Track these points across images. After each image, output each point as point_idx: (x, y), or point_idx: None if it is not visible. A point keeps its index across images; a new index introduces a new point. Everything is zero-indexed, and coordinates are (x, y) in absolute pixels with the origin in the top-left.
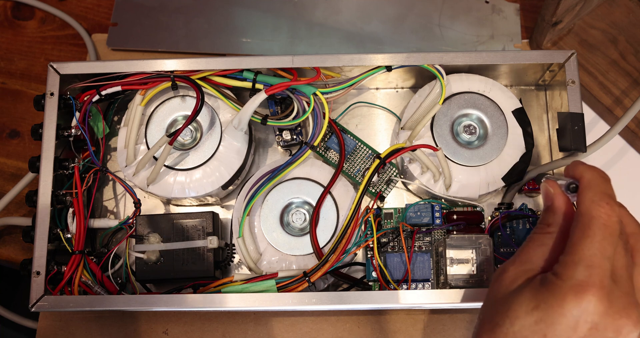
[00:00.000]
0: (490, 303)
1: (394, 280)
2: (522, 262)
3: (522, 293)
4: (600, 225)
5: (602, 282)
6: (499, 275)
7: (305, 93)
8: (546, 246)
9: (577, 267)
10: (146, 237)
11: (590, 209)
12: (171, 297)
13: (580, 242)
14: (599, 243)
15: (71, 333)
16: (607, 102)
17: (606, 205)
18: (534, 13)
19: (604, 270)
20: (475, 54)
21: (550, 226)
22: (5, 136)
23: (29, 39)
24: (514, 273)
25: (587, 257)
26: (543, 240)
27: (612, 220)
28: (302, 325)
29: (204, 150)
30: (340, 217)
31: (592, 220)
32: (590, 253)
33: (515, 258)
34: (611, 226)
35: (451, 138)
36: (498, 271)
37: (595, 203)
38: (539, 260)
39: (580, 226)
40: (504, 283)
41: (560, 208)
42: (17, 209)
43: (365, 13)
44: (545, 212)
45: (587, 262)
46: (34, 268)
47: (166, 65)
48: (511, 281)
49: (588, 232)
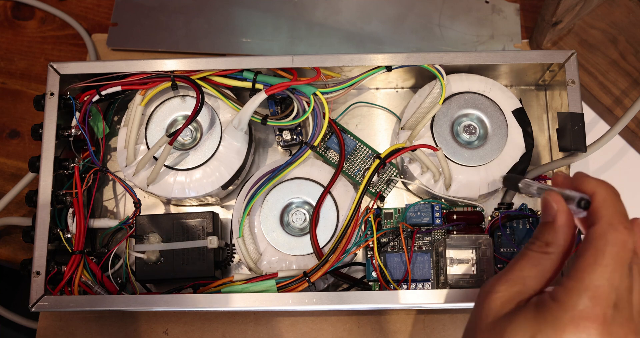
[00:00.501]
0: (479, 327)
1: (394, 280)
2: (515, 282)
3: (517, 320)
4: (615, 253)
5: (605, 314)
6: (488, 295)
7: (305, 93)
8: (542, 267)
9: (581, 296)
10: (146, 237)
11: (606, 233)
12: (171, 297)
13: (590, 269)
14: (610, 274)
15: (71, 333)
16: (607, 102)
17: (624, 230)
18: (534, 13)
19: (609, 300)
20: (475, 54)
21: (550, 246)
22: (5, 136)
23: (29, 39)
24: (505, 294)
25: (594, 287)
26: (540, 260)
27: (627, 247)
28: (302, 325)
29: (204, 150)
30: (340, 217)
31: (607, 246)
32: (598, 283)
33: (506, 275)
34: (626, 254)
35: (451, 138)
36: (486, 288)
37: (612, 227)
38: (532, 281)
39: (593, 251)
40: (494, 305)
41: (563, 227)
42: (17, 209)
43: (365, 13)
44: (545, 228)
45: (593, 292)
46: (34, 268)
47: (166, 65)
48: (502, 304)
49: (601, 260)
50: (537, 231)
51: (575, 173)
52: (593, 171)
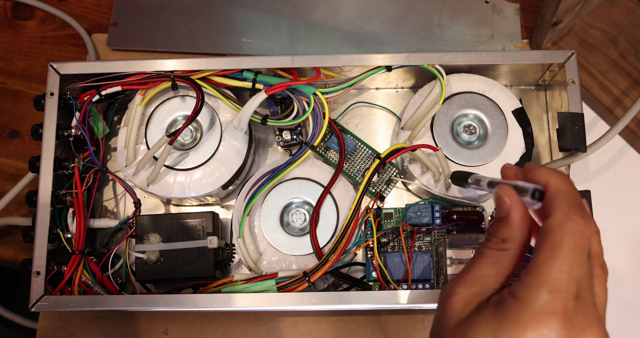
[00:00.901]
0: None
1: (394, 280)
2: (474, 282)
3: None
4: (573, 244)
5: (565, 307)
6: (448, 297)
7: (305, 93)
8: (500, 265)
9: (540, 291)
10: (146, 237)
11: (562, 225)
12: (171, 297)
13: (548, 263)
14: (568, 266)
15: (71, 333)
16: (607, 102)
17: (580, 219)
18: (534, 13)
19: (569, 293)
20: (475, 54)
21: (506, 242)
22: (5, 136)
23: (29, 39)
24: (465, 296)
25: (553, 281)
26: (497, 257)
27: (584, 236)
28: (302, 325)
29: (204, 150)
30: (340, 217)
31: (564, 238)
32: (557, 276)
33: (464, 275)
34: (584, 244)
35: (451, 138)
36: (446, 291)
37: (568, 217)
38: (492, 280)
39: (550, 244)
40: (455, 308)
41: (518, 221)
42: (17, 209)
43: (365, 13)
44: (500, 224)
45: (553, 286)
46: (34, 268)
47: (166, 65)
48: (463, 306)
49: (558, 252)
50: (492, 228)
51: (526, 164)
52: (593, 171)
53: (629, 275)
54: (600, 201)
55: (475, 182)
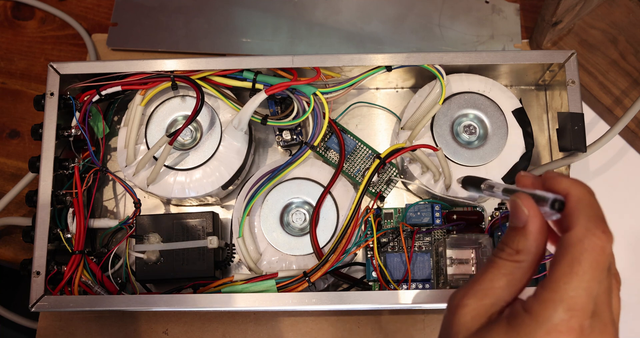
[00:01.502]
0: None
1: (394, 280)
2: (485, 294)
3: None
4: (593, 260)
5: (582, 326)
6: (457, 309)
7: (305, 93)
8: (512, 277)
9: (556, 309)
10: (146, 237)
11: (583, 239)
12: (171, 297)
13: (566, 279)
14: (587, 283)
15: (71, 333)
16: (607, 102)
17: (602, 235)
18: (534, 13)
19: (586, 312)
20: (475, 54)
21: (520, 254)
22: (5, 136)
23: (29, 39)
24: (474, 307)
25: (571, 298)
26: (510, 269)
27: (606, 253)
28: (302, 325)
29: (204, 150)
30: (340, 217)
31: (585, 253)
32: (574, 293)
33: (474, 286)
34: (604, 261)
35: (451, 138)
36: (455, 302)
37: (590, 232)
38: (503, 292)
39: (569, 259)
40: (464, 321)
41: (535, 233)
42: (17, 209)
43: (365, 13)
44: (515, 234)
45: (570, 304)
46: (34, 268)
47: (166, 65)
48: (472, 319)
49: (577, 269)
50: (506, 237)
51: (545, 173)
52: (593, 171)
53: (629, 275)
54: (600, 201)
55: (489, 188)
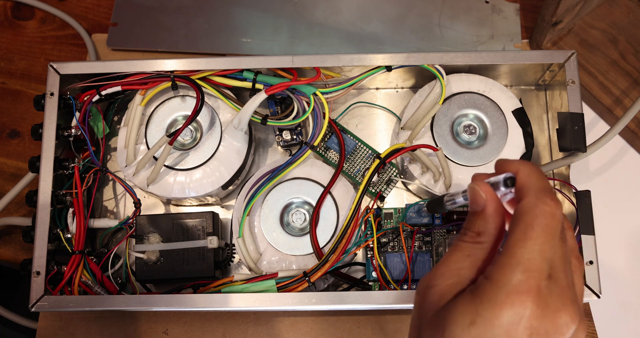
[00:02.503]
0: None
1: (394, 280)
2: (451, 275)
3: (455, 309)
4: (544, 225)
5: (539, 286)
6: (426, 290)
7: (305, 93)
8: (475, 257)
9: (514, 271)
10: (146, 237)
11: (534, 206)
12: (171, 297)
13: (521, 244)
14: (540, 246)
15: (71, 333)
16: (607, 102)
17: (551, 201)
18: (534, 13)
19: (542, 272)
20: (475, 54)
21: (481, 236)
22: (5, 136)
23: (29, 39)
24: (441, 288)
25: (526, 260)
26: (472, 250)
27: (556, 218)
28: (302, 325)
29: (204, 150)
30: (340, 217)
31: (536, 219)
32: (529, 256)
33: (440, 268)
34: (555, 225)
35: (451, 138)
36: (423, 284)
37: (540, 199)
38: (467, 272)
39: (522, 225)
40: (432, 300)
41: (493, 214)
42: (17, 209)
43: (365, 13)
44: (475, 218)
45: (526, 266)
46: (34, 268)
47: (166, 65)
48: (440, 297)
49: (530, 233)
50: (468, 222)
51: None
52: (593, 171)
53: (629, 275)
54: (600, 201)
55: (450, 199)
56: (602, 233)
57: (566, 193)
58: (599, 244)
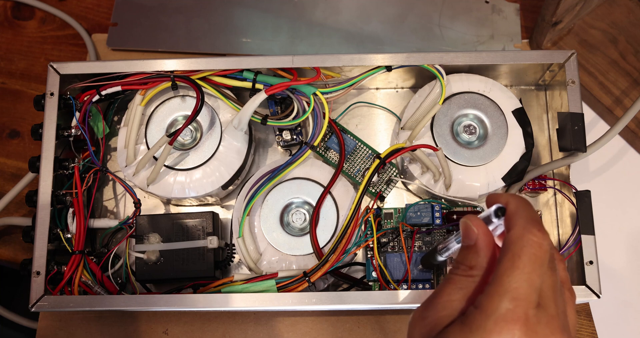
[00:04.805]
0: None
1: (394, 280)
2: (443, 307)
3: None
4: (532, 255)
5: (526, 314)
6: (418, 321)
7: (305, 93)
8: (467, 290)
9: (502, 300)
10: (146, 237)
11: (522, 236)
12: (171, 296)
13: (509, 272)
14: (528, 275)
15: (71, 333)
16: (607, 102)
17: (538, 232)
18: (534, 13)
19: (530, 301)
20: (475, 54)
21: (473, 269)
22: (5, 136)
23: (29, 39)
24: (433, 319)
25: (514, 289)
26: (464, 283)
27: (543, 249)
28: (302, 325)
29: (204, 150)
30: (340, 217)
31: (524, 249)
32: (517, 284)
33: (433, 300)
34: (542, 255)
35: (451, 138)
36: (415, 315)
37: (527, 230)
38: (458, 303)
39: (510, 255)
40: (424, 331)
41: (484, 248)
42: (17, 209)
43: (365, 13)
44: (467, 252)
45: (513, 294)
46: (34, 268)
47: (166, 65)
48: (432, 328)
49: (518, 263)
50: (460, 256)
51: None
52: (593, 171)
53: (629, 275)
54: (600, 201)
55: (444, 247)
56: (602, 233)
57: (566, 193)
58: (599, 244)
